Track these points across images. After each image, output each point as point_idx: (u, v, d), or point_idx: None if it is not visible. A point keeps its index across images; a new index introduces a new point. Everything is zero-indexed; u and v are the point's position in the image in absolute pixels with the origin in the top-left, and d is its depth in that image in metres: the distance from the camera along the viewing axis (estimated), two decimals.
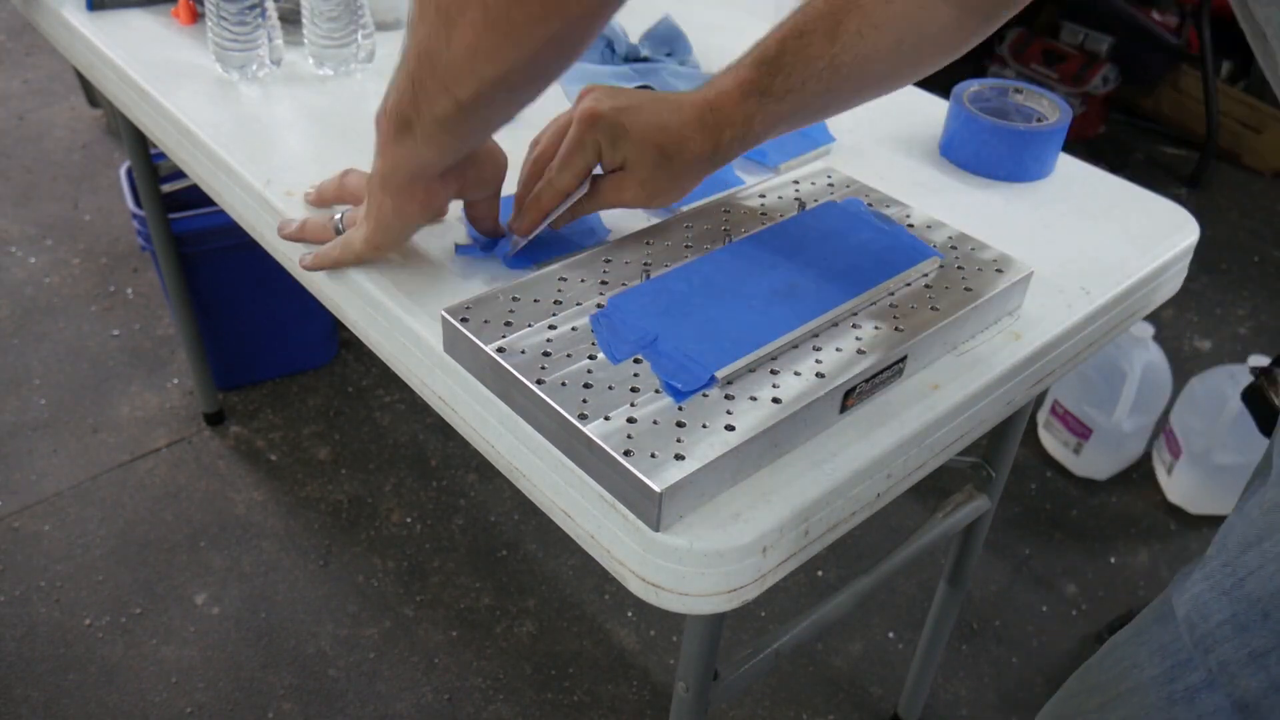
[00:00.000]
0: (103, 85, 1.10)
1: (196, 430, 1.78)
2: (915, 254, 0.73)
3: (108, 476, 1.69)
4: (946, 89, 0.97)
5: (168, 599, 1.50)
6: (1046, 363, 0.76)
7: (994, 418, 0.74)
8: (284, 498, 1.67)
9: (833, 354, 0.65)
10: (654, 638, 1.50)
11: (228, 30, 0.97)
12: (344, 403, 1.87)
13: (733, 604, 0.60)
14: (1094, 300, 0.78)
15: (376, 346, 0.78)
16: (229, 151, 0.90)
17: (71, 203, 2.34)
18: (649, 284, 0.69)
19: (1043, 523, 1.73)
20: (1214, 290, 2.31)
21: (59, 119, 2.66)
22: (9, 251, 2.18)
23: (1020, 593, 1.60)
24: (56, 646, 1.43)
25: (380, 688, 1.41)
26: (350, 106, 0.98)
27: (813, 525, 0.62)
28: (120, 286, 2.10)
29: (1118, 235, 0.86)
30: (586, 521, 0.62)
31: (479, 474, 1.74)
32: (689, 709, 0.84)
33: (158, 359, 1.93)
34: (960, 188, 0.91)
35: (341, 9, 0.99)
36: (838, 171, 0.85)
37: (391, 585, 1.55)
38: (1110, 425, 1.73)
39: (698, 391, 0.61)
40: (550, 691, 1.42)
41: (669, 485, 0.55)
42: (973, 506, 1.07)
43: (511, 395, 0.64)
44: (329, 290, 0.81)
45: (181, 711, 1.37)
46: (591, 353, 0.64)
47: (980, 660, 1.50)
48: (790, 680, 1.45)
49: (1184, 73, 2.79)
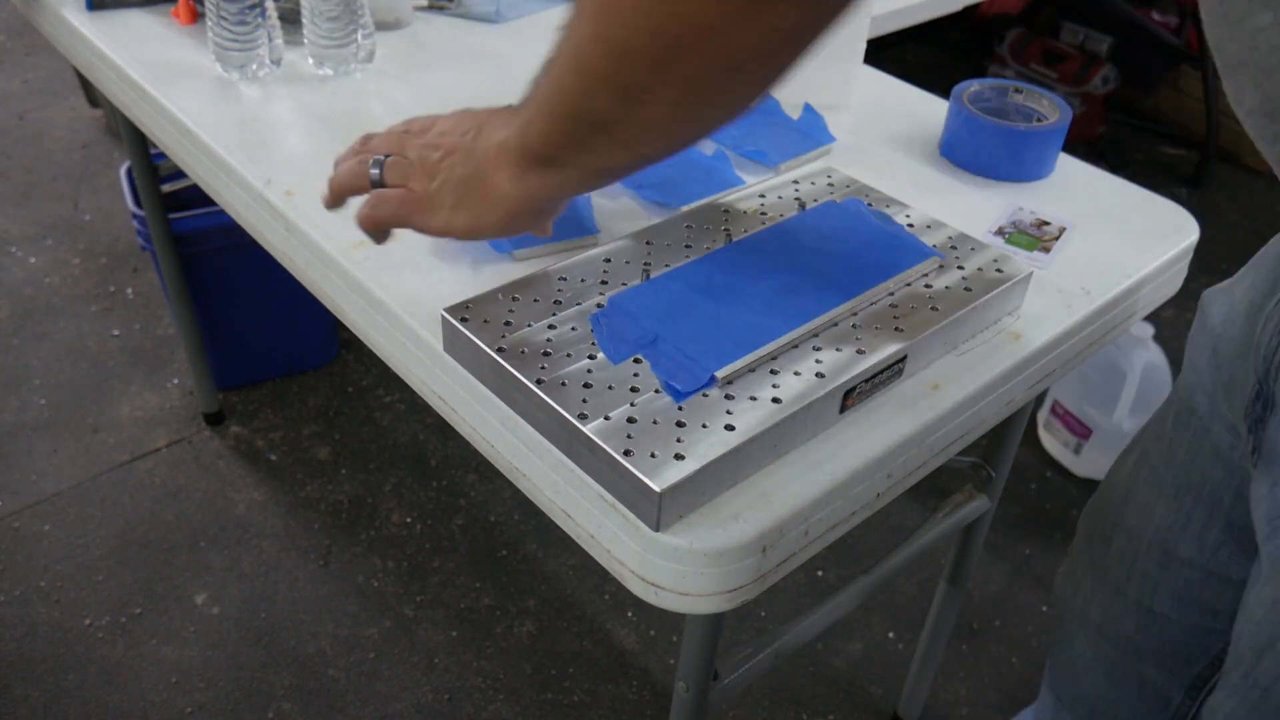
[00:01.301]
0: (103, 85, 1.10)
1: (196, 430, 1.78)
2: (915, 254, 0.73)
3: (108, 476, 1.69)
4: (946, 89, 0.97)
5: (168, 599, 1.50)
6: (1046, 363, 0.76)
7: (994, 418, 0.74)
8: (284, 498, 1.67)
9: (833, 354, 0.65)
10: (654, 638, 1.50)
11: (228, 30, 0.97)
12: (344, 403, 1.87)
13: (733, 604, 0.60)
14: (1094, 300, 0.78)
15: (376, 346, 0.78)
16: (229, 151, 0.90)
17: (71, 203, 2.34)
18: (649, 284, 0.69)
19: (1043, 523, 1.73)
20: None
21: (59, 119, 2.66)
22: (9, 251, 2.18)
23: (1020, 593, 1.60)
24: (56, 646, 1.43)
25: (380, 688, 1.41)
26: (350, 106, 0.98)
27: (813, 525, 0.62)
28: (120, 286, 2.10)
29: (1118, 235, 0.86)
30: (586, 521, 0.62)
31: (479, 474, 1.74)
32: (689, 709, 0.84)
33: (158, 359, 1.93)
34: (960, 188, 0.91)
35: (341, 9, 0.99)
36: (838, 171, 0.85)
37: (391, 585, 1.55)
38: (1110, 425, 1.73)
39: (698, 391, 0.61)
40: (550, 691, 1.42)
41: (669, 485, 0.55)
42: (973, 506, 1.07)
43: (511, 395, 0.64)
44: (329, 290, 0.81)
45: (181, 711, 1.36)
46: (591, 353, 0.64)
47: (980, 660, 1.50)
48: (790, 680, 1.45)
49: (1184, 73, 2.79)
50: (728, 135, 0.92)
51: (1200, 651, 0.78)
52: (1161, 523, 0.75)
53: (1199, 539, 0.73)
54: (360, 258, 0.77)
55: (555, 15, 1.18)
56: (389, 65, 1.06)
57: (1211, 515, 0.71)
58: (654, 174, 0.86)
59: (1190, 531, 0.73)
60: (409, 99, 1.00)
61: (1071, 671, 0.89)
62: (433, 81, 1.03)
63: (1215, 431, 0.69)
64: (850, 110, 1.01)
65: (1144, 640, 0.80)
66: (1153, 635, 0.79)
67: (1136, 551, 0.78)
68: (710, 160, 0.89)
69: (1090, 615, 0.85)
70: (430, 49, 1.10)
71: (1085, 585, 0.86)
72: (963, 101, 0.93)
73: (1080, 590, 0.87)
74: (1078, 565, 0.88)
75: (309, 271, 0.83)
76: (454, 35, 1.13)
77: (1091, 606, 0.85)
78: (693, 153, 0.90)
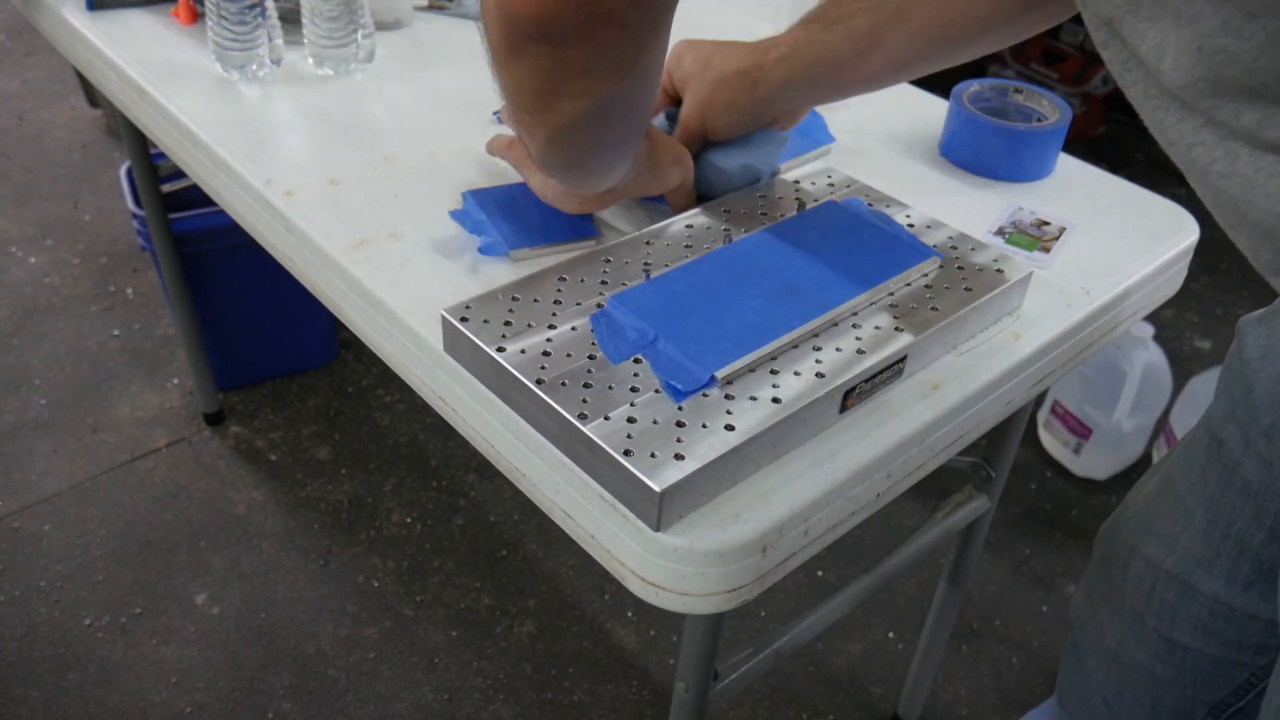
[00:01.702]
0: (103, 85, 1.10)
1: (196, 430, 1.78)
2: (915, 254, 0.73)
3: (108, 476, 1.69)
4: (946, 89, 0.97)
5: (168, 599, 1.50)
6: (1046, 363, 0.76)
7: (994, 418, 0.74)
8: (284, 498, 1.67)
9: (833, 354, 0.65)
10: (654, 638, 1.50)
11: (228, 30, 0.97)
12: (344, 403, 1.87)
13: (733, 604, 0.60)
14: (1094, 300, 0.78)
15: (376, 346, 0.78)
16: (229, 151, 0.90)
17: (71, 203, 2.34)
18: (649, 284, 0.69)
19: (1043, 523, 1.73)
20: (1214, 290, 2.31)
21: (59, 119, 2.66)
22: (9, 251, 2.18)
23: (1020, 593, 1.60)
24: (56, 646, 1.43)
25: (380, 688, 1.41)
26: (350, 106, 0.98)
27: (813, 525, 0.62)
28: (120, 286, 2.10)
29: (1117, 235, 0.86)
30: (586, 521, 0.62)
31: (479, 474, 1.74)
32: (689, 709, 0.84)
33: (158, 359, 1.93)
34: (960, 188, 0.91)
35: (341, 9, 0.99)
36: (838, 171, 0.85)
37: (391, 585, 1.55)
38: (1110, 425, 1.73)
39: (698, 391, 0.61)
40: (550, 691, 1.42)
41: (669, 485, 0.55)
42: (973, 506, 1.07)
43: (511, 395, 0.64)
44: (329, 290, 0.81)
45: (181, 711, 1.37)
46: (591, 353, 0.64)
47: (980, 660, 1.50)
48: (790, 680, 1.45)
49: None
50: None
51: (1223, 680, 0.76)
52: (1187, 555, 0.74)
53: (1227, 576, 0.71)
54: (360, 258, 0.77)
55: None
56: (389, 65, 1.06)
57: (1241, 554, 0.70)
58: None
59: (1218, 568, 0.72)
60: (409, 99, 1.00)
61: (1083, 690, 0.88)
62: (433, 81, 1.03)
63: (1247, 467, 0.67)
64: (850, 110, 1.01)
65: (1163, 670, 0.79)
66: (1171, 665, 0.78)
67: (1156, 580, 0.76)
68: None
69: (1105, 642, 0.84)
70: (430, 49, 1.10)
71: (1102, 610, 0.84)
72: (963, 101, 0.93)
73: (1097, 615, 0.85)
74: (1094, 590, 0.86)
75: (309, 271, 0.83)
76: (454, 35, 1.13)
77: (1107, 632, 0.83)
78: None
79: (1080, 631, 0.88)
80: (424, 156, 0.90)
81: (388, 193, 0.85)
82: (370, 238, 0.79)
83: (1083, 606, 0.88)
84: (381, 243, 0.79)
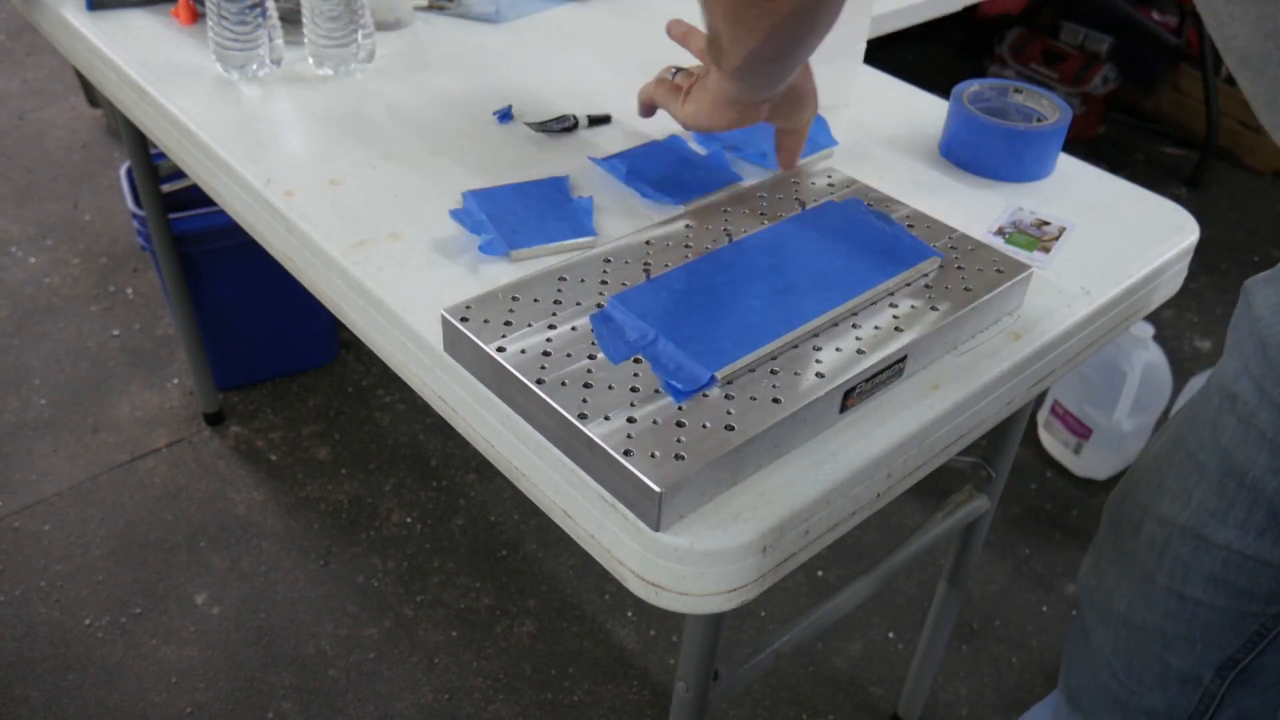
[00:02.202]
0: (103, 85, 1.10)
1: (196, 430, 1.78)
2: (915, 254, 0.73)
3: (108, 476, 1.69)
4: (946, 89, 0.97)
5: (168, 599, 1.50)
6: (1046, 363, 0.76)
7: (994, 418, 0.74)
8: (284, 498, 1.67)
9: (833, 354, 0.65)
10: (654, 638, 1.50)
11: (228, 30, 0.97)
12: (344, 403, 1.87)
13: (733, 604, 0.60)
14: (1094, 300, 0.78)
15: (376, 346, 0.78)
16: (229, 151, 0.90)
17: (71, 203, 2.34)
18: (649, 284, 0.69)
19: (1043, 523, 1.73)
20: (1214, 290, 2.31)
21: (59, 119, 2.66)
22: (9, 251, 2.18)
23: (1020, 593, 1.60)
24: (56, 646, 1.43)
25: (380, 688, 1.41)
26: (350, 106, 0.98)
27: (813, 525, 0.62)
28: (120, 286, 2.10)
29: (1118, 235, 0.86)
30: (586, 521, 0.62)
31: (479, 474, 1.74)
32: (689, 709, 0.84)
33: (158, 359, 1.93)
34: (960, 188, 0.91)
35: (341, 9, 0.99)
36: (838, 171, 0.85)
37: (391, 585, 1.55)
38: (1110, 425, 1.73)
39: (698, 391, 0.61)
40: (550, 691, 1.42)
41: (669, 485, 0.55)
42: (973, 506, 1.07)
43: (511, 395, 0.64)
44: (329, 290, 0.81)
45: (181, 711, 1.37)
46: (591, 353, 0.64)
47: (980, 660, 1.50)
48: (790, 680, 1.45)
49: (1184, 73, 2.79)
50: (730, 138, 0.92)
51: (1232, 635, 0.78)
52: (1200, 508, 0.76)
53: (1241, 525, 0.73)
54: (360, 258, 0.77)
55: (555, 15, 1.18)
56: (389, 65, 1.06)
57: (1255, 502, 0.72)
58: (654, 173, 0.86)
59: (1232, 518, 0.74)
60: (409, 99, 1.00)
61: (1090, 667, 0.89)
62: (433, 81, 1.03)
63: (1262, 417, 0.70)
64: (850, 110, 1.01)
65: (1173, 627, 0.81)
66: (1182, 621, 0.80)
67: (1169, 536, 0.79)
68: (710, 160, 0.89)
69: (1115, 605, 0.86)
70: (430, 49, 1.10)
71: (1110, 575, 0.86)
72: (963, 101, 0.93)
73: (1105, 581, 0.87)
74: (1102, 557, 0.88)
75: (309, 271, 0.83)
76: (454, 35, 1.13)
77: (1116, 596, 0.85)
78: (692, 152, 0.90)
79: (1087, 603, 0.90)
80: (424, 156, 0.90)
81: (388, 193, 0.85)
82: (370, 238, 0.79)
83: (1090, 576, 0.90)
84: (381, 243, 0.79)
